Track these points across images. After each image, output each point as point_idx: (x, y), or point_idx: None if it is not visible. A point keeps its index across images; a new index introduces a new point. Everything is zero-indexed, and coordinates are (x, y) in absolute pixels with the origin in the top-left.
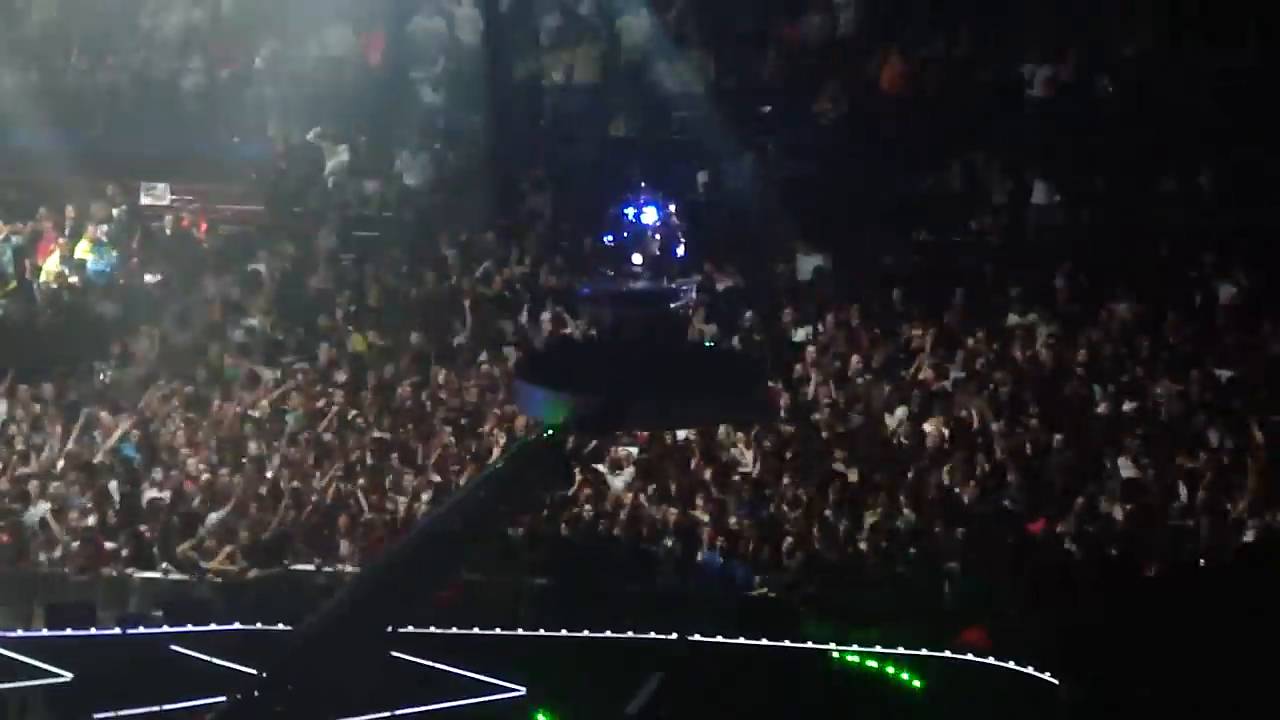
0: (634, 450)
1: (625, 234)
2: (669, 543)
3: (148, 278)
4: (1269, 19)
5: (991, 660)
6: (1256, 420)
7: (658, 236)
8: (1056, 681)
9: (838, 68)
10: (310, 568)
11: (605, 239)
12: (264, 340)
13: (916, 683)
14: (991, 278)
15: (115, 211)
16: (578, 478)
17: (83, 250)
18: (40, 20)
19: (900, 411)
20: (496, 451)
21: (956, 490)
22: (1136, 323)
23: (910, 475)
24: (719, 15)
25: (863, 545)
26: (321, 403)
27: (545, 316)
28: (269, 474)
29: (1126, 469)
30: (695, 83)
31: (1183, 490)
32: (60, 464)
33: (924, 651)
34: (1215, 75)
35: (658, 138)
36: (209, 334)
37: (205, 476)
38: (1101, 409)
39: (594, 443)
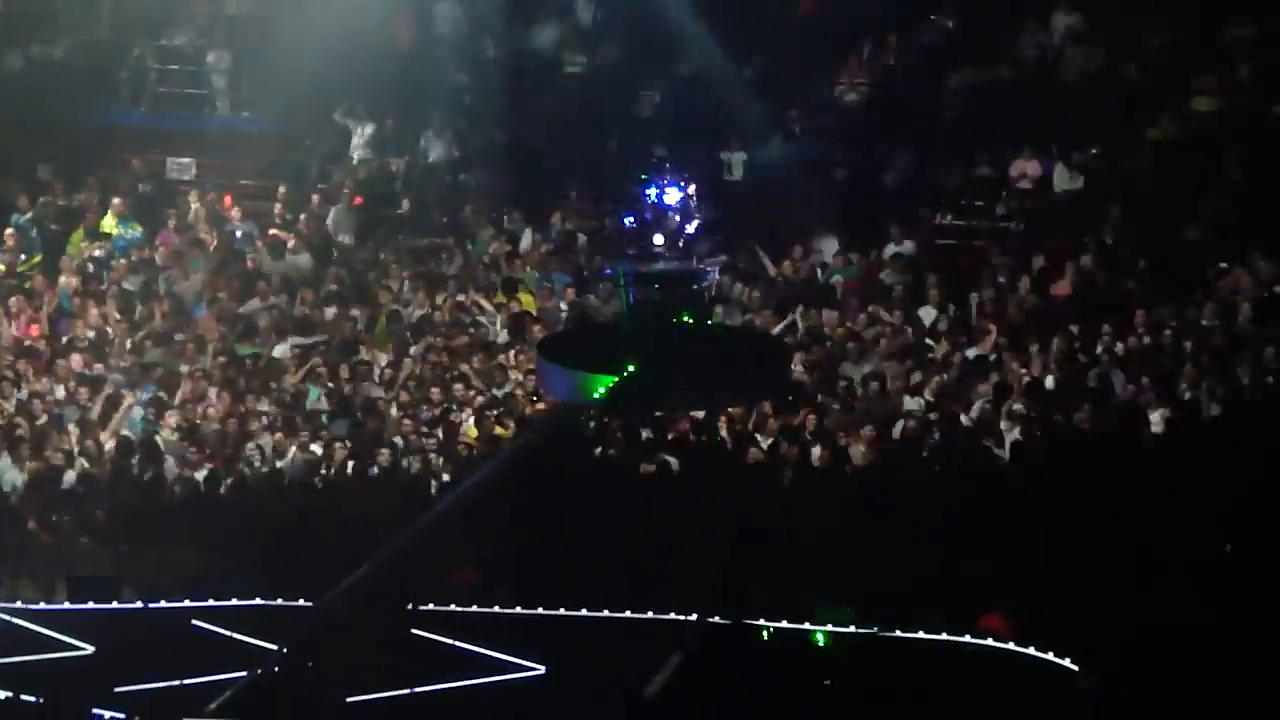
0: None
1: (647, 214)
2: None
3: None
4: None
5: (1011, 646)
6: None
7: (678, 217)
8: (1076, 668)
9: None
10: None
11: (625, 219)
12: (285, 318)
13: (934, 666)
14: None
15: (141, 186)
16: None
17: (108, 224)
18: None
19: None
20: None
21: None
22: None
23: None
24: None
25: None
26: (346, 385)
27: (569, 296)
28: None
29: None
30: (722, 63)
31: None
32: (87, 440)
33: (943, 636)
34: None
35: (683, 118)
36: (229, 312)
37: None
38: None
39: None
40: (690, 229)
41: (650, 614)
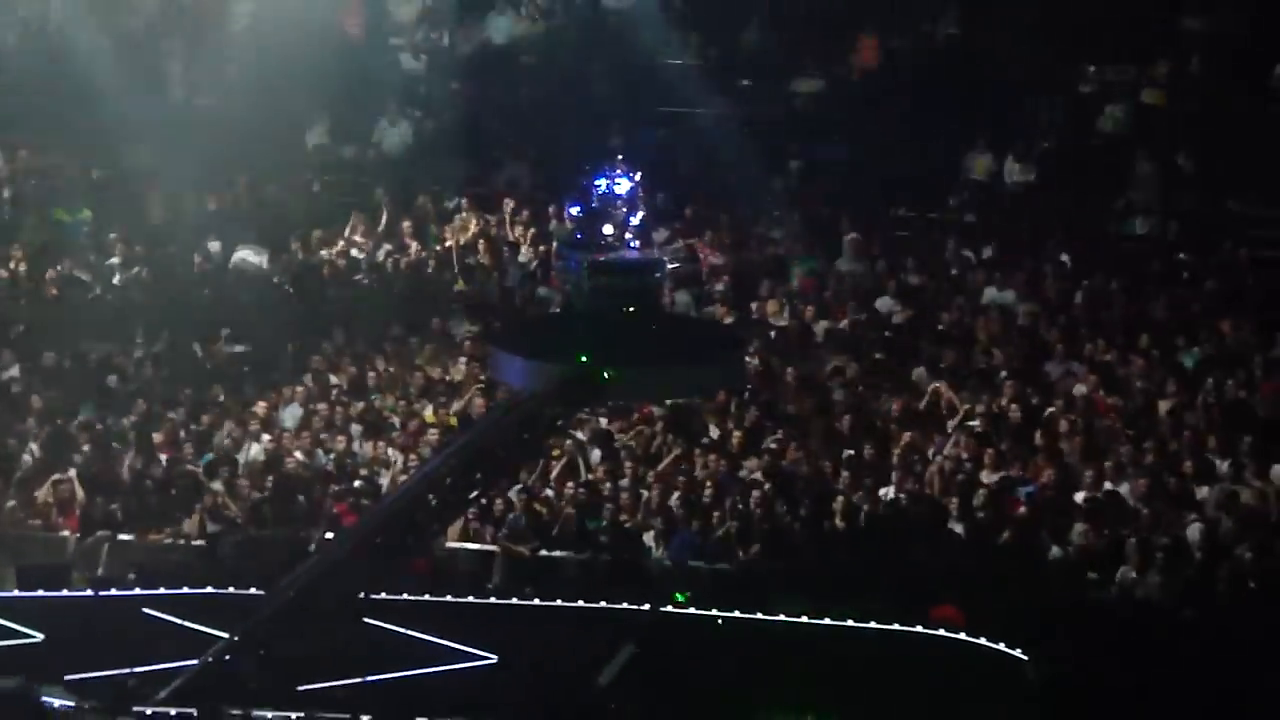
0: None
1: (595, 204)
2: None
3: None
4: None
5: (962, 636)
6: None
7: (625, 208)
8: (1025, 658)
9: (818, 45)
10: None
11: (572, 209)
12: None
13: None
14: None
15: (95, 173)
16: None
17: (59, 212)
18: None
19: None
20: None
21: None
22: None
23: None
24: None
25: (839, 521)
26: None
27: (523, 285)
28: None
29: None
30: (678, 55)
31: None
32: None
33: (896, 626)
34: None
35: (637, 108)
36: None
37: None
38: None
39: (569, 413)
40: (635, 220)
41: (603, 604)
